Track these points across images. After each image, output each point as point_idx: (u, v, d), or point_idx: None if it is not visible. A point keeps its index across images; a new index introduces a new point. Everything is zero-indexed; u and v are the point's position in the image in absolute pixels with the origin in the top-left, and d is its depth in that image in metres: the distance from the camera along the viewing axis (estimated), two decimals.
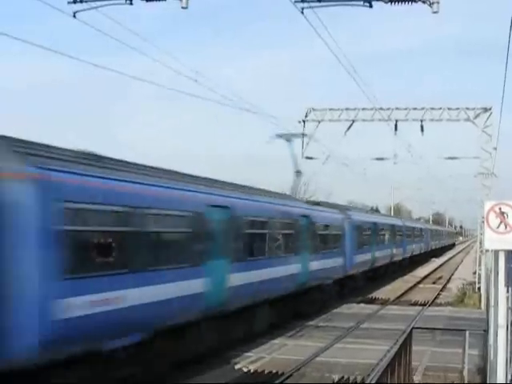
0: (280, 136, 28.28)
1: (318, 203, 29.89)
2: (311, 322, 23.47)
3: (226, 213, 16.57)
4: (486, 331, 14.61)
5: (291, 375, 14.88)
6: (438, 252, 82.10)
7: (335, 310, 27.56)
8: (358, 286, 34.10)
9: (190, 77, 19.83)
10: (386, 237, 43.32)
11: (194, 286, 14.61)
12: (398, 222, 51.52)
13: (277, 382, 14.14)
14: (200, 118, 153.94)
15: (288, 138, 28.56)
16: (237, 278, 16.83)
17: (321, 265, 24.87)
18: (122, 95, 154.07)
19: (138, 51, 17.05)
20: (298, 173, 29.40)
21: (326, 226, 27.10)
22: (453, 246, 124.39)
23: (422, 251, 64.05)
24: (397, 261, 46.88)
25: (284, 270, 20.82)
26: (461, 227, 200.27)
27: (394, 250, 44.76)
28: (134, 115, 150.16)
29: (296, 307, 23.83)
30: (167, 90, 34.76)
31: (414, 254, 56.99)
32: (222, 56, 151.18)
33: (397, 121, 35.44)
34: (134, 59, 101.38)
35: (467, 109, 34.47)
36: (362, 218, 36.50)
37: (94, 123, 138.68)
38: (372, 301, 33.42)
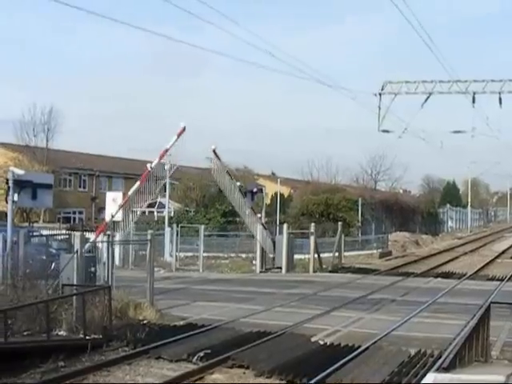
0: None
1: None
2: (387, 296, 23.47)
3: None
4: None
5: (368, 348, 14.95)
6: None
7: (412, 285, 27.46)
8: None
9: (266, 50, 19.91)
10: None
11: None
12: None
13: (353, 354, 14.24)
14: (275, 91, 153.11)
15: None
16: None
17: None
18: (198, 69, 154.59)
19: (215, 25, 17.24)
20: None
21: None
22: None
23: None
24: None
25: None
26: None
27: None
28: (209, 89, 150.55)
29: None
30: (243, 63, 35.04)
31: None
32: (296, 27, 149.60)
33: (474, 93, 34.84)
34: (211, 34, 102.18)
35: None
36: None
37: (171, 95, 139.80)
38: (449, 275, 33.09)
